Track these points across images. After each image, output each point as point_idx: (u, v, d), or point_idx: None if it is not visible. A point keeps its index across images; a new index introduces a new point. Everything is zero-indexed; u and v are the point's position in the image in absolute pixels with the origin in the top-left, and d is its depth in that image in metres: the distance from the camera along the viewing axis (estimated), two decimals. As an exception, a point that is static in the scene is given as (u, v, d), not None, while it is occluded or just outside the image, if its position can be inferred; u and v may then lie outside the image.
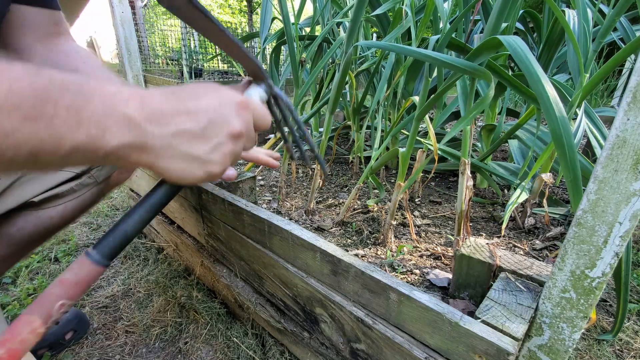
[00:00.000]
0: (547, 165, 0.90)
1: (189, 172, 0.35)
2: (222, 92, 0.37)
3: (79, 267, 0.35)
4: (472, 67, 0.61)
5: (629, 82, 0.31)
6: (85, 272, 0.35)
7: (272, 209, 1.10)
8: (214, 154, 0.36)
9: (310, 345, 0.64)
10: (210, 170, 0.36)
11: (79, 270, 0.35)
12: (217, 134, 0.35)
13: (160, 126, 0.32)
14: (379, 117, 1.02)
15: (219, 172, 0.38)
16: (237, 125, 0.37)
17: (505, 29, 0.79)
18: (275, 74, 1.36)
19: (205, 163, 0.36)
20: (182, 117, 0.33)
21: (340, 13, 1.19)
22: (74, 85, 0.27)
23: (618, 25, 1.06)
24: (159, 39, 7.69)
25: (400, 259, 0.83)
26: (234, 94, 0.38)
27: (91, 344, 0.80)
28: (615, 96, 2.60)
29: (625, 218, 0.34)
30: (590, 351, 0.71)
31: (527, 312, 0.43)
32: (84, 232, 1.28)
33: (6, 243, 0.59)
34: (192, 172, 0.36)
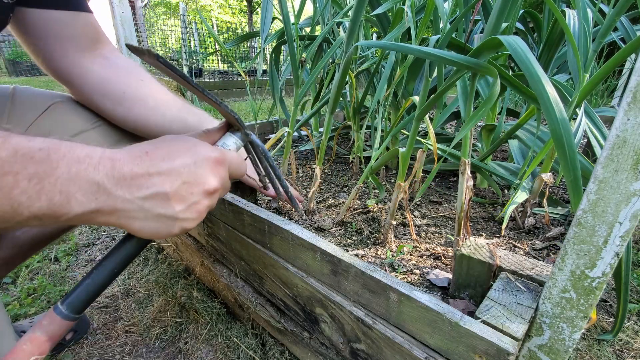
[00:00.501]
0: (547, 165, 0.90)
1: (163, 229, 0.35)
2: (197, 150, 0.37)
3: (48, 322, 0.35)
4: (475, 63, 0.61)
5: (629, 82, 0.31)
6: (55, 328, 0.35)
7: (272, 209, 1.10)
8: (189, 212, 0.36)
9: (310, 345, 0.64)
10: (185, 226, 0.37)
11: (49, 326, 0.35)
12: (192, 193, 0.35)
13: (130, 190, 0.32)
14: (379, 117, 1.02)
15: (194, 226, 0.38)
16: (213, 183, 0.37)
17: (505, 29, 0.78)
18: (275, 74, 1.35)
19: (179, 220, 0.36)
20: (154, 180, 0.33)
21: (341, 13, 1.19)
22: (40, 153, 0.27)
23: (618, 25, 1.06)
24: (159, 39, 7.69)
25: (400, 259, 0.83)
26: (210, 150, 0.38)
27: (91, 344, 0.80)
28: (616, 96, 2.60)
29: (625, 218, 0.34)
30: (591, 351, 0.71)
31: (527, 312, 0.43)
32: (84, 232, 1.28)
33: (11, 245, 0.60)
34: (167, 230, 0.36)
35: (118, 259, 0.38)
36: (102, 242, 1.22)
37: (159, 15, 10.31)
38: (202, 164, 0.36)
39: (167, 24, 9.43)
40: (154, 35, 7.58)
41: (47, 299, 0.92)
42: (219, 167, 0.38)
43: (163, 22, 9.08)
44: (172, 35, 8.04)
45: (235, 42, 1.49)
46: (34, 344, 0.34)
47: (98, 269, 0.37)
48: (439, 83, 0.82)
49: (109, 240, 1.23)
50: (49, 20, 0.52)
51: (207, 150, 0.37)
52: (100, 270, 0.38)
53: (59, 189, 0.28)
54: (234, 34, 9.79)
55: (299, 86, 1.12)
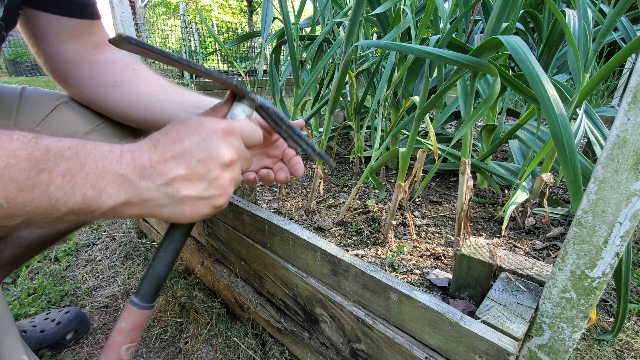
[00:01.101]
0: (547, 165, 0.90)
1: (195, 211, 0.36)
2: (204, 126, 0.36)
3: (129, 315, 0.39)
4: (475, 62, 0.61)
5: (629, 82, 0.31)
6: (135, 317, 0.39)
7: (272, 208, 1.10)
8: (213, 188, 0.36)
9: (310, 345, 0.64)
10: (215, 203, 0.37)
11: (130, 317, 0.39)
12: (209, 169, 0.35)
13: (152, 179, 0.33)
14: (379, 117, 1.02)
15: (224, 202, 0.38)
16: (227, 155, 0.36)
17: (505, 29, 0.78)
18: (275, 74, 1.36)
19: (207, 199, 0.36)
20: (170, 164, 0.34)
21: (341, 13, 1.19)
22: (70, 151, 0.29)
23: (619, 25, 1.06)
24: (159, 39, 7.69)
25: (401, 259, 0.83)
26: (216, 122, 0.37)
27: (91, 344, 0.80)
28: (616, 96, 2.60)
29: (625, 218, 0.34)
30: (591, 351, 0.70)
31: (528, 312, 0.43)
32: (84, 232, 1.28)
33: (16, 245, 0.60)
34: (198, 211, 0.36)
35: (169, 249, 0.41)
36: (102, 242, 1.22)
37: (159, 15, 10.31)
38: (210, 138, 0.36)
39: (167, 24, 9.44)
40: (154, 35, 7.58)
41: (47, 298, 0.92)
42: (230, 137, 0.37)
43: (163, 22, 9.08)
44: (172, 35, 8.04)
45: (236, 42, 1.49)
46: (123, 335, 0.38)
47: (155, 261, 0.40)
48: (439, 83, 0.82)
49: (109, 240, 1.23)
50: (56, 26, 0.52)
51: (213, 124, 0.37)
52: (157, 262, 0.41)
53: (90, 184, 0.29)
54: (234, 34, 9.80)
55: (299, 86, 1.12)
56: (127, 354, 0.39)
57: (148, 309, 0.40)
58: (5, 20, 0.45)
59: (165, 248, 0.41)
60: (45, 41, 0.53)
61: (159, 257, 0.41)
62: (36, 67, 7.72)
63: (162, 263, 0.41)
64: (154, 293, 0.40)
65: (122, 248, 1.16)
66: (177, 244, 0.41)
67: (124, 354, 0.38)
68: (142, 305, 0.39)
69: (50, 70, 0.57)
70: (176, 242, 0.41)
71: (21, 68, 7.57)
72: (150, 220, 1.12)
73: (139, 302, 0.39)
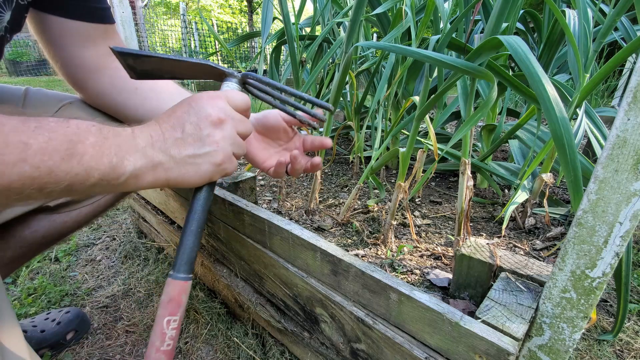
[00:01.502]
0: (547, 165, 0.90)
1: (198, 170, 0.41)
2: (192, 98, 0.42)
3: (166, 287, 0.42)
4: (473, 67, 0.61)
5: (629, 82, 0.31)
6: (173, 289, 0.42)
7: (272, 209, 1.10)
8: (207, 145, 0.41)
9: (310, 345, 0.64)
10: (214, 160, 0.41)
11: (167, 289, 0.42)
12: (201, 128, 0.40)
13: (158, 147, 0.39)
14: (379, 117, 1.02)
15: (222, 159, 0.42)
16: (213, 113, 0.41)
17: (505, 29, 0.78)
18: (275, 74, 1.36)
19: (204, 156, 0.41)
20: (169, 132, 0.40)
21: (341, 13, 1.19)
22: (94, 128, 0.35)
23: (619, 25, 1.06)
24: (159, 39, 7.70)
25: (401, 259, 0.83)
26: (201, 93, 0.43)
27: (91, 344, 0.80)
28: (616, 96, 2.60)
29: (625, 218, 0.34)
30: (591, 351, 0.70)
31: (528, 312, 0.43)
32: (85, 232, 1.28)
33: (19, 244, 0.60)
34: (201, 170, 0.41)
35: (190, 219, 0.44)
36: (102, 242, 1.22)
37: (159, 15, 10.31)
38: (197, 103, 0.41)
39: (168, 24, 9.43)
40: (154, 35, 7.58)
41: (48, 298, 0.92)
42: (215, 100, 0.42)
43: (163, 22, 9.07)
44: (172, 35, 8.05)
45: (236, 42, 1.49)
46: (163, 307, 0.41)
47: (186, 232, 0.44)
48: (439, 83, 0.82)
49: (109, 240, 1.23)
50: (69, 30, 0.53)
51: (198, 95, 0.43)
52: (183, 233, 0.44)
53: (114, 153, 0.35)
54: (234, 34, 9.79)
55: (299, 86, 1.12)
56: (168, 328, 0.41)
57: (181, 279, 0.42)
58: (11, 23, 0.45)
59: (187, 218, 0.44)
60: (61, 46, 0.54)
61: (184, 228, 0.44)
62: (36, 67, 7.73)
63: (186, 233, 0.43)
64: (185, 263, 0.43)
65: (122, 248, 1.16)
66: (197, 213, 0.44)
67: (165, 328, 0.41)
68: (175, 275, 0.42)
69: (67, 75, 0.58)
70: (196, 211, 0.44)
71: (21, 68, 7.57)
72: (150, 220, 1.12)
73: (177, 274, 0.42)
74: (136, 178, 0.37)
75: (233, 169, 0.45)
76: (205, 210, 0.45)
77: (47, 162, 0.30)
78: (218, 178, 0.44)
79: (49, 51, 0.56)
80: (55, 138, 0.31)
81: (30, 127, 0.31)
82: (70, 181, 0.32)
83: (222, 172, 0.43)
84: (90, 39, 0.55)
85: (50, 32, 0.53)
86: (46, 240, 0.63)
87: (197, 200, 0.44)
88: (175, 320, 0.42)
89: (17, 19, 0.46)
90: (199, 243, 0.45)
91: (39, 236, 0.62)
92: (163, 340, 0.41)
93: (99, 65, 0.57)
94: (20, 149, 0.29)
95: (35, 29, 0.54)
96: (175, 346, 0.42)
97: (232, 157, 0.43)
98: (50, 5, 0.51)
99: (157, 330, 0.41)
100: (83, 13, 0.53)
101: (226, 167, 0.43)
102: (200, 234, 0.45)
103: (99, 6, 0.55)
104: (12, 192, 0.30)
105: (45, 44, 0.55)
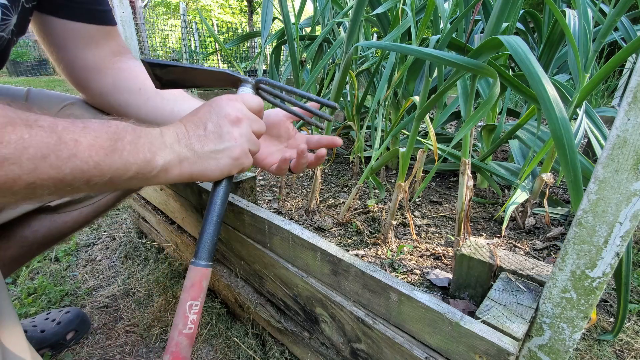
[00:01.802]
0: (547, 165, 0.90)
1: (219, 164, 0.45)
2: (213, 100, 0.46)
3: (188, 272, 0.45)
4: (475, 64, 0.61)
5: (629, 82, 0.31)
6: (194, 275, 0.45)
7: (272, 208, 1.10)
8: (227, 141, 0.44)
9: (310, 345, 0.64)
10: (232, 154, 0.45)
11: (189, 274, 0.45)
12: (221, 126, 0.44)
13: (184, 143, 0.43)
14: (380, 117, 1.02)
15: (239, 154, 0.46)
16: (232, 112, 0.45)
17: (505, 29, 0.78)
18: (275, 74, 1.36)
19: (224, 152, 0.44)
20: (193, 130, 0.44)
21: (341, 13, 1.19)
22: (129, 127, 0.39)
23: (619, 25, 1.06)
24: (159, 39, 7.70)
25: (401, 259, 0.83)
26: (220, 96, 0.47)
27: (92, 344, 0.80)
28: (616, 96, 2.60)
29: (625, 218, 0.34)
30: (591, 351, 0.70)
31: (528, 312, 0.43)
32: (85, 231, 1.28)
33: (19, 244, 0.61)
34: (222, 164, 0.45)
35: (210, 210, 0.47)
36: (103, 242, 1.22)
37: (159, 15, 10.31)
38: (218, 104, 0.46)
39: (168, 24, 9.43)
40: (154, 35, 7.58)
41: (48, 298, 0.92)
42: (234, 102, 0.46)
43: (163, 22, 9.08)
44: (172, 35, 8.05)
45: (236, 42, 1.49)
46: (186, 292, 0.44)
47: (207, 222, 0.47)
48: (439, 83, 0.82)
49: (109, 240, 1.23)
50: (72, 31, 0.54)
51: (218, 98, 0.47)
52: (203, 223, 0.47)
53: (147, 149, 0.39)
54: (234, 34, 9.79)
55: (299, 86, 1.12)
56: (190, 312, 0.43)
57: (202, 266, 0.45)
58: (17, 26, 0.46)
59: (208, 210, 0.47)
60: (64, 48, 0.55)
61: (204, 219, 0.47)
62: (36, 67, 7.72)
63: (207, 223, 0.46)
64: (206, 251, 0.46)
65: (122, 248, 1.16)
66: (217, 205, 0.47)
67: (188, 312, 0.43)
68: (197, 262, 0.45)
69: (70, 76, 0.59)
70: (215, 203, 0.47)
71: (21, 68, 7.57)
72: (150, 220, 1.12)
73: (198, 261, 0.45)
74: (166, 171, 0.41)
75: (249, 164, 0.48)
76: (224, 202, 0.48)
77: (94, 157, 0.34)
78: (235, 172, 0.47)
79: (51, 53, 0.56)
80: (100, 136, 0.35)
81: (79, 127, 0.34)
82: (112, 174, 0.36)
83: (240, 166, 0.46)
84: (93, 40, 0.56)
85: (54, 35, 0.54)
86: (47, 240, 0.64)
87: (216, 193, 0.48)
88: (197, 305, 0.44)
89: (22, 22, 0.47)
90: (219, 232, 0.48)
91: (39, 236, 0.62)
92: (185, 324, 0.43)
93: (101, 65, 0.58)
94: (72, 146, 0.33)
95: (38, 32, 0.55)
96: (196, 331, 0.44)
97: (248, 153, 0.47)
98: (54, 8, 0.52)
99: (180, 313, 0.43)
100: (86, 15, 0.54)
101: (243, 162, 0.46)
102: (220, 224, 0.47)
103: (101, 8, 0.56)
104: (65, 184, 0.33)
105: (48, 45, 0.56)
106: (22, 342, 0.38)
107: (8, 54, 0.49)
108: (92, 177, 0.34)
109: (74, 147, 0.33)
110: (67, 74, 0.59)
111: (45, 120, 0.32)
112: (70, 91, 0.66)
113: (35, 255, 0.66)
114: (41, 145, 0.31)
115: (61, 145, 0.32)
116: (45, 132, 0.31)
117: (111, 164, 0.35)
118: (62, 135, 0.32)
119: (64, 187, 0.33)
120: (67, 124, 0.33)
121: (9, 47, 0.48)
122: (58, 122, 0.33)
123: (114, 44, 0.60)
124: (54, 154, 0.31)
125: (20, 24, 0.47)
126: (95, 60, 0.57)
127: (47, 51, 0.57)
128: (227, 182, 0.48)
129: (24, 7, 0.46)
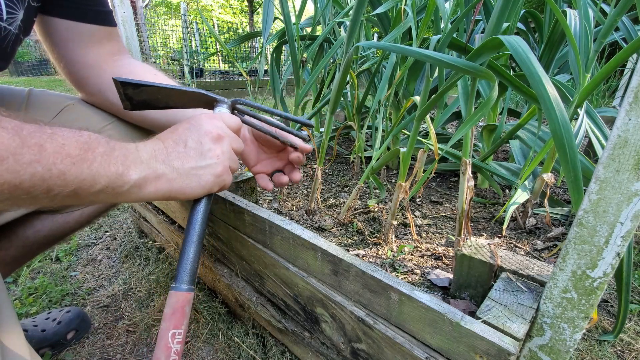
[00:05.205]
0: (548, 165, 0.90)
1: (200, 181, 0.44)
2: (193, 118, 0.47)
3: (169, 299, 0.42)
4: (474, 67, 0.61)
5: (630, 82, 0.31)
6: (175, 301, 0.42)
7: (273, 208, 1.10)
8: (208, 158, 0.44)
9: (311, 345, 0.64)
10: (214, 171, 0.44)
11: (169, 301, 0.42)
12: (202, 143, 0.44)
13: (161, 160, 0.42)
14: (380, 117, 1.02)
15: (222, 171, 0.45)
16: (212, 129, 0.45)
17: (506, 29, 0.78)
18: (276, 74, 1.36)
19: (205, 168, 0.44)
20: (172, 147, 0.43)
21: (342, 13, 1.19)
22: (102, 139, 0.38)
23: (620, 25, 1.06)
24: (160, 39, 7.71)
25: (401, 259, 0.83)
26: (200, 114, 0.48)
27: (92, 343, 0.80)
28: (617, 96, 2.59)
29: (626, 218, 0.34)
30: (592, 352, 0.70)
31: (528, 312, 0.43)
32: (85, 231, 1.28)
33: (21, 244, 0.61)
34: (203, 181, 0.44)
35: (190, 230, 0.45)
36: (103, 241, 1.22)
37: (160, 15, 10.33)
38: (197, 122, 0.46)
39: (168, 24, 9.44)
40: (155, 35, 7.59)
41: (48, 298, 0.92)
42: (212, 120, 0.46)
43: (164, 22, 9.09)
44: (173, 35, 8.05)
45: (237, 42, 1.49)
46: (167, 320, 0.41)
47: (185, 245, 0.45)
48: (440, 83, 0.82)
49: (110, 240, 1.23)
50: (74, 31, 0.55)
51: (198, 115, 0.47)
52: (183, 244, 0.45)
53: (120, 163, 0.38)
54: (235, 34, 9.79)
55: (300, 86, 1.12)
56: (173, 342, 0.40)
57: (184, 290, 0.42)
58: (24, 23, 0.47)
59: (187, 230, 0.45)
60: (65, 47, 0.56)
61: (184, 240, 0.45)
62: (37, 67, 7.73)
63: (187, 244, 0.44)
64: (186, 274, 0.43)
65: (123, 248, 1.17)
66: (197, 224, 0.46)
67: (170, 342, 0.40)
68: (178, 287, 0.42)
69: (69, 74, 0.60)
70: (196, 222, 0.46)
71: (22, 68, 7.58)
72: (151, 220, 1.12)
73: (174, 284, 0.43)
74: (139, 187, 0.40)
75: (230, 181, 0.48)
76: (205, 221, 0.46)
77: (59, 165, 0.33)
78: (217, 190, 0.47)
79: (52, 52, 0.57)
80: (68, 144, 0.34)
81: (47, 132, 0.33)
82: (77, 185, 0.34)
83: (222, 183, 0.46)
84: (94, 39, 0.57)
85: (56, 35, 0.55)
86: (48, 239, 0.64)
87: (196, 211, 0.46)
88: (180, 334, 0.41)
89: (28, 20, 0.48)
90: (200, 253, 0.45)
91: (41, 236, 0.62)
92: (169, 356, 0.39)
93: (101, 63, 0.59)
94: (35, 151, 0.31)
95: (41, 32, 0.55)
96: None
97: (229, 170, 0.47)
98: (57, 8, 0.52)
99: (161, 345, 0.40)
100: (89, 15, 0.55)
101: (225, 179, 0.46)
102: (201, 244, 0.45)
103: (103, 9, 0.57)
104: (21, 191, 0.31)
105: (50, 45, 0.56)
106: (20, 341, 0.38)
107: (14, 52, 0.49)
108: (53, 186, 0.32)
109: (37, 152, 0.31)
110: (66, 72, 0.59)
111: (10, 123, 0.31)
112: (71, 91, 0.66)
113: (37, 254, 0.66)
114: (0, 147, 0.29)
115: (23, 149, 0.30)
116: (8, 133, 0.30)
117: (77, 175, 0.34)
118: (26, 139, 0.31)
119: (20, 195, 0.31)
120: (33, 128, 0.32)
121: (16, 45, 0.48)
122: (24, 126, 0.32)
123: (114, 45, 0.61)
124: (13, 157, 0.30)
125: (26, 22, 0.47)
126: (95, 58, 0.58)
127: (48, 50, 0.58)
128: (207, 200, 0.47)
129: (30, 4, 0.46)
